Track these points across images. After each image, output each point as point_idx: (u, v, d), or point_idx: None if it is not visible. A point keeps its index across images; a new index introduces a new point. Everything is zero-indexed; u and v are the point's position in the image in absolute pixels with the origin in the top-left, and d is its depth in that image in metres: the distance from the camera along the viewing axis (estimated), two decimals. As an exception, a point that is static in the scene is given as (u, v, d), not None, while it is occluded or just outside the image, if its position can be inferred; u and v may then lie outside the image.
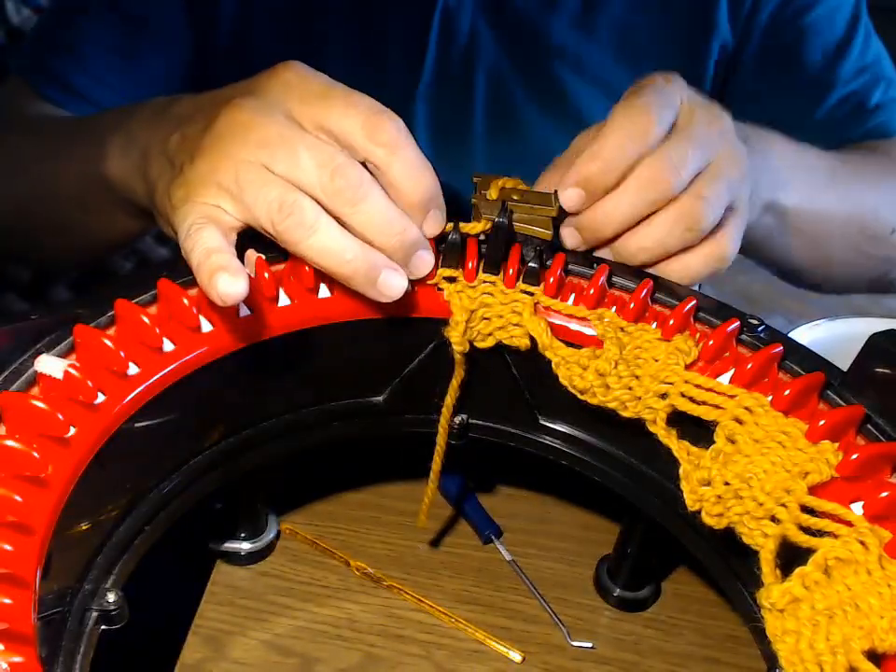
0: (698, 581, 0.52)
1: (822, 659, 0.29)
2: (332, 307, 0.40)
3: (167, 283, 0.36)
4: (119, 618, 0.32)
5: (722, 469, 0.35)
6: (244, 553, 0.50)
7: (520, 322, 0.40)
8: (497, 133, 0.71)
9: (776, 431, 0.35)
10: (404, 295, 0.38)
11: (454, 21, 0.69)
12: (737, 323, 0.38)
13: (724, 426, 0.36)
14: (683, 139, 0.45)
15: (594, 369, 0.38)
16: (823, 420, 0.34)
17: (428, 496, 0.47)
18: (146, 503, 0.38)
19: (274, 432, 0.43)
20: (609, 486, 0.44)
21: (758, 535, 0.34)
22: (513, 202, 0.42)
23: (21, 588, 0.26)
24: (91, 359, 0.34)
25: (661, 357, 0.38)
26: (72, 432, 0.31)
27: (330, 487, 0.55)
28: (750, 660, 0.47)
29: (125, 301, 0.35)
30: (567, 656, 0.47)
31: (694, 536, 0.40)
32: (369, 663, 0.45)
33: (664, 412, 0.37)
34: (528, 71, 0.70)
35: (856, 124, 0.74)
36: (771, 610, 0.32)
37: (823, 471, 0.33)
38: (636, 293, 0.40)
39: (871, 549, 0.30)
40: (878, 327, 0.38)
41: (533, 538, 0.54)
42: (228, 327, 0.37)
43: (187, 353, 0.36)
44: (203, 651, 0.45)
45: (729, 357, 0.38)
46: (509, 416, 0.46)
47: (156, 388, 0.35)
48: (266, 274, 0.38)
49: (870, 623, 0.29)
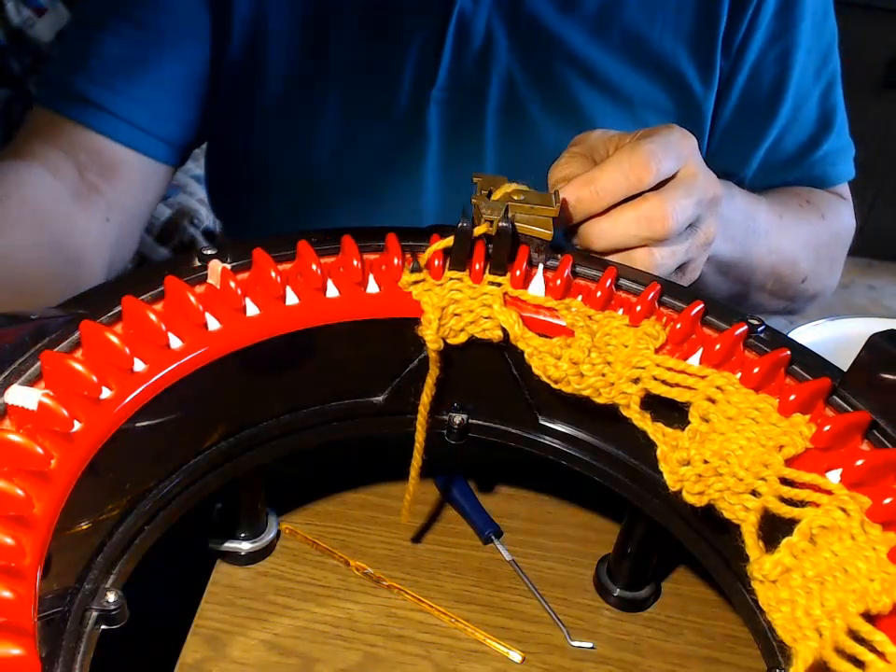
0: (698, 581, 0.52)
1: (821, 625, 0.30)
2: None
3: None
4: (119, 618, 0.32)
5: (700, 448, 0.36)
6: (244, 552, 0.50)
7: (491, 315, 0.41)
8: (509, 138, 0.71)
9: (748, 408, 0.36)
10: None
11: (469, 25, 0.69)
12: (701, 305, 0.40)
13: (698, 406, 0.37)
14: (688, 194, 0.49)
15: (567, 357, 0.39)
16: (793, 395, 0.35)
17: (409, 492, 0.47)
18: (146, 503, 0.38)
19: (274, 432, 0.43)
20: (609, 486, 0.44)
21: (739, 509, 0.34)
22: (514, 202, 0.43)
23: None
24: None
25: (630, 342, 0.39)
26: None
27: (330, 487, 0.55)
28: (750, 660, 0.47)
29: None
30: (567, 656, 0.47)
31: (694, 535, 0.40)
32: (369, 663, 0.45)
33: (637, 396, 0.38)
34: (541, 76, 0.71)
35: (799, 169, 0.79)
36: (763, 582, 0.32)
37: (798, 444, 0.34)
38: (601, 282, 0.41)
39: (852, 515, 0.31)
40: (878, 327, 0.38)
41: (533, 538, 0.54)
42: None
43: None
44: (202, 651, 0.45)
45: (696, 339, 0.40)
46: (509, 416, 0.46)
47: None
48: (231, 283, 0.38)
49: (861, 587, 0.30)
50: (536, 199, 0.43)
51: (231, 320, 0.38)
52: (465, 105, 0.71)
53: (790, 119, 0.76)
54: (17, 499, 0.28)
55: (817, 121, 0.77)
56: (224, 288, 0.38)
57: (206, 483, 0.41)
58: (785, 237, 0.71)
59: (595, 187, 0.47)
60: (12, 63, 1.47)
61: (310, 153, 0.73)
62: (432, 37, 0.69)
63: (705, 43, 0.71)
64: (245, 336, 0.38)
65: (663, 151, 0.48)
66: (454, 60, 0.69)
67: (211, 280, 0.38)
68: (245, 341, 0.38)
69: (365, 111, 0.71)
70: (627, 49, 0.70)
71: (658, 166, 0.47)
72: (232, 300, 0.38)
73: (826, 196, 0.80)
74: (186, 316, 0.37)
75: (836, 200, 0.80)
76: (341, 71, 0.71)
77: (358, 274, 0.41)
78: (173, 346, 0.36)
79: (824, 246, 0.78)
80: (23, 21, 1.47)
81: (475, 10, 0.68)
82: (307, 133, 0.72)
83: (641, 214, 0.47)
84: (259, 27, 0.71)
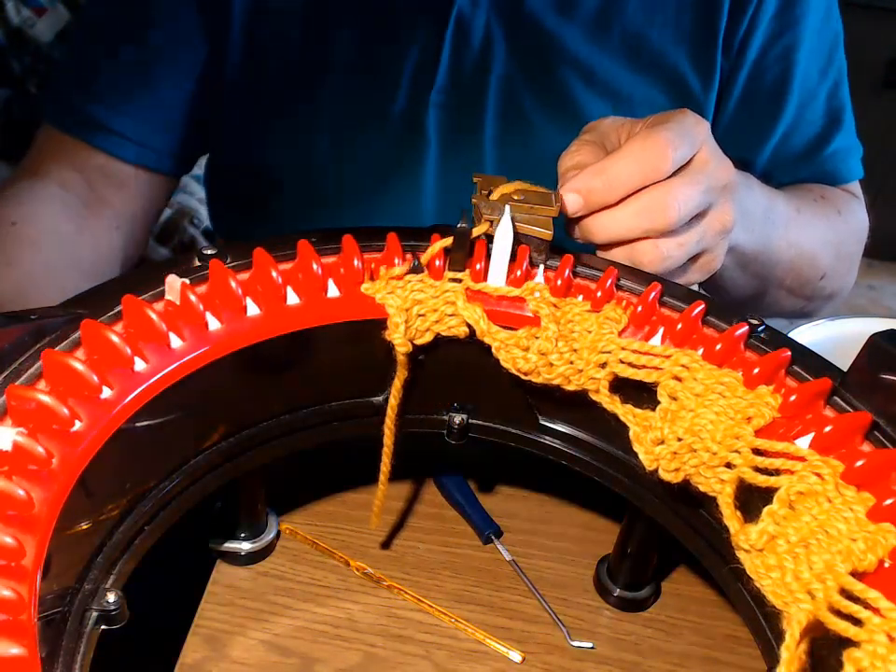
0: (698, 581, 0.52)
1: (812, 587, 0.30)
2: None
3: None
4: (118, 618, 0.32)
5: (672, 427, 0.36)
6: (244, 552, 0.50)
7: (455, 312, 0.40)
8: (508, 140, 0.71)
9: (714, 383, 0.37)
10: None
11: (468, 27, 0.69)
12: (659, 288, 0.40)
13: (665, 385, 0.38)
14: (694, 182, 0.47)
15: (536, 349, 0.39)
16: (757, 368, 0.36)
17: (379, 497, 0.47)
18: (146, 503, 0.38)
19: (274, 432, 0.43)
20: (608, 486, 0.44)
21: (715, 482, 0.35)
22: (514, 201, 0.43)
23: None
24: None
25: (593, 328, 0.39)
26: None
27: (330, 487, 0.55)
28: (750, 660, 0.47)
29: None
30: (567, 656, 0.47)
31: (694, 536, 0.40)
32: (369, 663, 0.45)
33: (605, 380, 0.39)
34: (540, 79, 0.70)
35: (810, 166, 0.78)
36: (750, 551, 0.33)
37: (766, 414, 0.35)
38: (559, 270, 0.42)
39: (827, 479, 0.32)
40: (878, 327, 0.38)
41: (533, 538, 0.54)
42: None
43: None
44: (202, 651, 0.45)
45: (656, 321, 0.40)
46: (509, 416, 0.46)
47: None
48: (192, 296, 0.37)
49: (846, 547, 0.30)
50: (536, 199, 0.43)
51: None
52: (464, 106, 0.71)
53: (795, 116, 0.75)
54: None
55: (824, 118, 0.76)
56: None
57: (206, 483, 0.41)
58: (804, 231, 0.70)
59: (606, 176, 0.45)
60: (12, 63, 1.47)
61: (309, 156, 0.73)
62: (431, 40, 0.69)
63: (704, 44, 0.71)
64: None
65: (679, 138, 0.46)
66: (452, 61, 0.69)
67: (169, 296, 0.37)
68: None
69: (364, 113, 0.71)
70: (627, 50, 0.70)
71: (674, 154, 0.46)
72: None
73: (839, 193, 0.79)
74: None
75: (850, 197, 0.80)
76: (340, 73, 0.71)
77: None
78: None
79: (843, 244, 0.77)
80: (23, 21, 1.47)
81: (474, 12, 0.68)
82: (306, 136, 0.72)
83: (641, 205, 0.46)
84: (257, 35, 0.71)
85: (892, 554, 0.30)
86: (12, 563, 0.26)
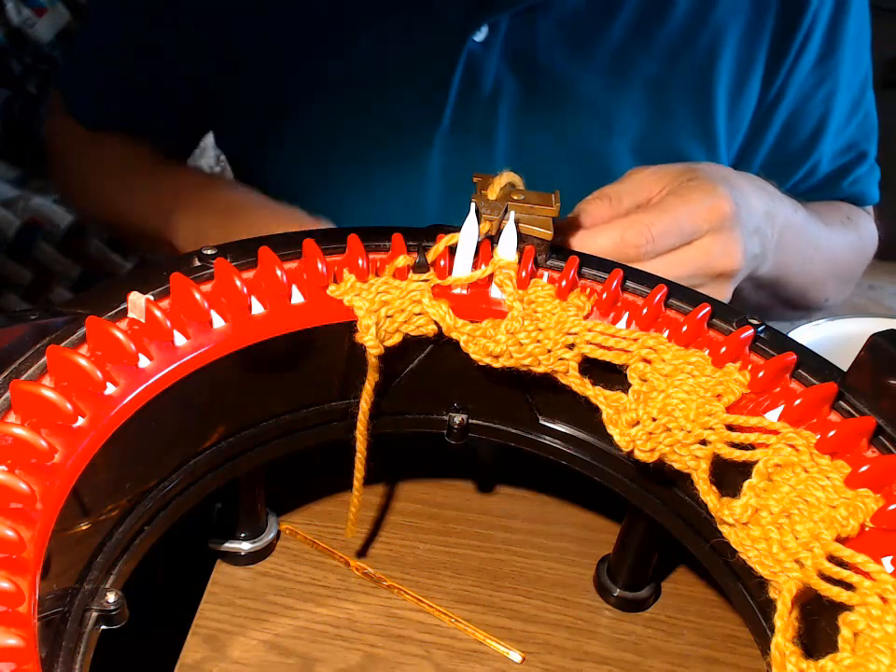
0: (698, 581, 0.52)
1: (800, 556, 0.31)
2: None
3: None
4: (118, 618, 0.32)
5: (646, 408, 0.37)
6: (244, 553, 0.50)
7: (422, 311, 0.40)
8: None
9: (682, 363, 0.37)
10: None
11: (478, 69, 0.67)
12: (621, 274, 0.41)
13: (634, 367, 0.38)
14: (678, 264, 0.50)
15: (504, 328, 0.40)
16: (724, 347, 0.37)
17: (355, 504, 0.46)
18: (146, 503, 0.38)
19: (274, 432, 0.43)
20: (608, 486, 0.44)
21: (689, 459, 0.36)
22: (514, 202, 0.43)
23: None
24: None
25: (556, 310, 0.40)
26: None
27: (330, 487, 0.55)
28: (750, 660, 0.47)
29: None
30: (568, 656, 0.47)
31: (695, 536, 0.40)
32: (369, 663, 0.45)
33: (574, 361, 0.39)
34: (554, 124, 0.69)
35: (832, 191, 0.79)
36: (734, 525, 0.34)
37: (735, 390, 0.36)
38: (523, 263, 0.42)
39: (801, 450, 0.33)
40: (878, 327, 0.38)
41: (533, 538, 0.54)
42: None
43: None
44: (202, 651, 0.45)
45: (621, 307, 0.41)
46: (509, 416, 0.46)
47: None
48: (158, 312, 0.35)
49: (827, 514, 0.31)
50: (536, 199, 0.43)
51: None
52: (471, 150, 0.69)
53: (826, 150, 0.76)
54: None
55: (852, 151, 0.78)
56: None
57: (206, 483, 0.41)
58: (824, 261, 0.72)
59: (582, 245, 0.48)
60: (12, 63, 1.47)
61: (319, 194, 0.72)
62: (439, 79, 0.67)
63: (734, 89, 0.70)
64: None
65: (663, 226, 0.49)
66: (459, 103, 0.68)
67: (133, 314, 0.36)
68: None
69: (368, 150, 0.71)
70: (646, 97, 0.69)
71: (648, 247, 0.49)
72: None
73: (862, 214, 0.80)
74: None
75: (869, 219, 0.81)
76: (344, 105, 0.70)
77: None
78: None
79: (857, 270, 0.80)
80: (23, 21, 1.47)
81: (485, 53, 0.67)
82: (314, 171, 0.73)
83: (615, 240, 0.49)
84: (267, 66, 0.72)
85: (874, 518, 0.31)
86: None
